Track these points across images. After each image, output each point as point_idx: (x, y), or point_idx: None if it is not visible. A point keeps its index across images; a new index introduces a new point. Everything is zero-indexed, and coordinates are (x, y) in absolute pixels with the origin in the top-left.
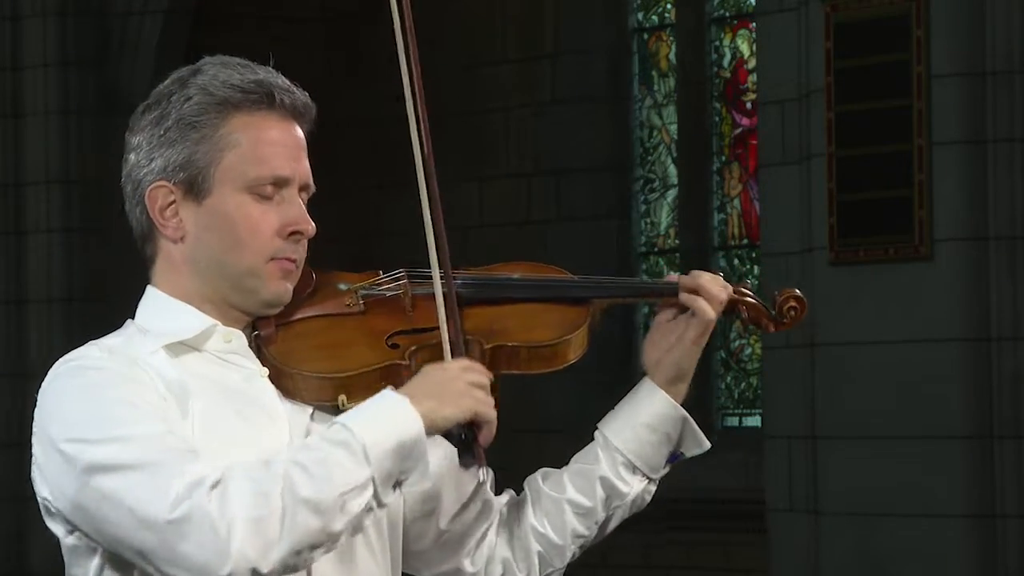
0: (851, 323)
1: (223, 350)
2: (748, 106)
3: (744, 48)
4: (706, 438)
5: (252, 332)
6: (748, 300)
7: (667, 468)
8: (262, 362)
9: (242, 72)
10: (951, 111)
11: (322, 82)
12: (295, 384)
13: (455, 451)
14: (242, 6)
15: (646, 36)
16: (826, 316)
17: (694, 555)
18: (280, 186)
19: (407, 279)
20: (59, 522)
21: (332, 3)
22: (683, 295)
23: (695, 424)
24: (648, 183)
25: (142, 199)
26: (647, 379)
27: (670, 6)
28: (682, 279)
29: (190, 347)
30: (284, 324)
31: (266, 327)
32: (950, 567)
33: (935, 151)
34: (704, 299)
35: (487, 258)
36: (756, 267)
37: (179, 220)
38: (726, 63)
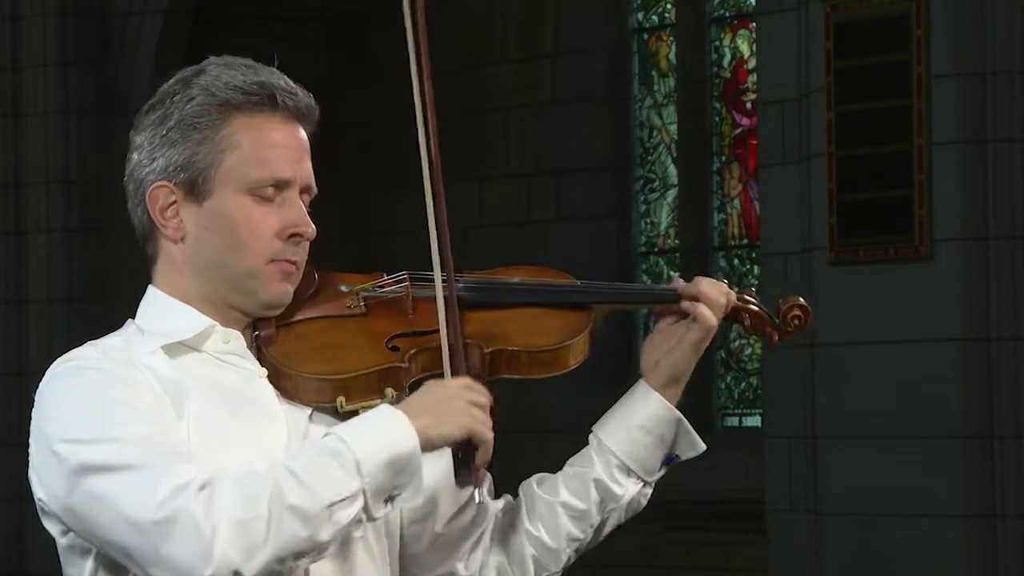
0: (851, 323)
1: (221, 351)
2: (748, 106)
3: (744, 48)
4: (701, 440)
5: (253, 332)
6: (752, 308)
7: (662, 471)
8: (262, 362)
9: (245, 73)
10: (951, 111)
11: (323, 82)
12: (294, 385)
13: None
14: (242, 6)
15: (646, 36)
16: (826, 316)
17: (694, 555)
18: (281, 188)
19: (409, 282)
20: (54, 522)
21: (333, 3)
22: (684, 302)
23: (689, 426)
24: (648, 183)
25: (143, 199)
26: (642, 381)
27: (670, 6)
28: (683, 286)
29: (189, 347)
30: (285, 325)
31: (267, 328)
32: (950, 567)
33: (935, 151)
34: (705, 305)
35: (487, 257)
36: (756, 267)
37: (179, 220)
38: (726, 63)
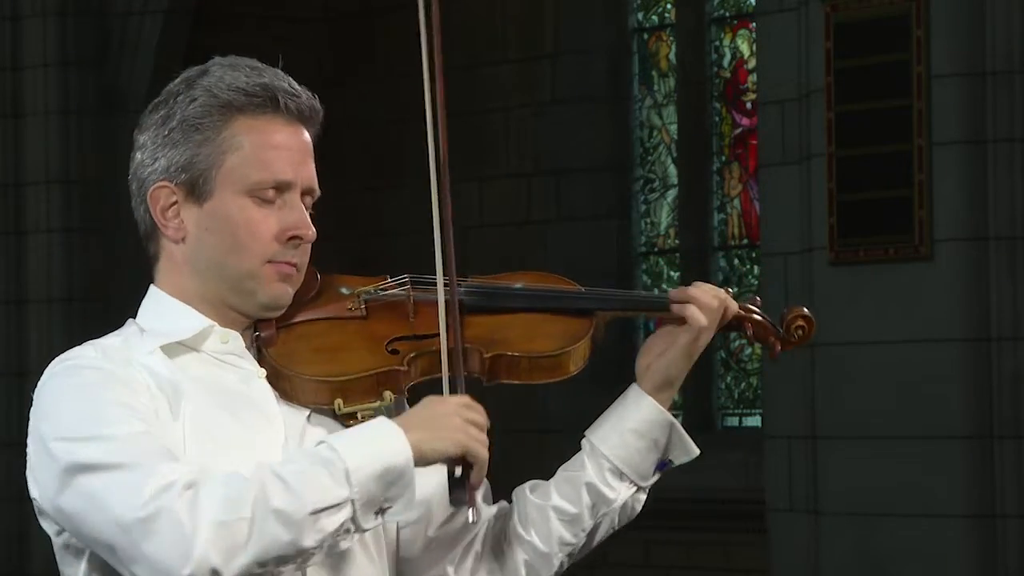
0: (851, 323)
1: (220, 351)
2: (748, 106)
3: (744, 48)
4: (694, 444)
5: (253, 333)
6: (755, 317)
7: (656, 476)
8: (261, 363)
9: (248, 75)
10: (951, 111)
11: (324, 82)
12: (292, 386)
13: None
14: (243, 6)
15: (646, 36)
16: (826, 316)
17: (694, 555)
18: (282, 190)
19: (411, 285)
20: (50, 522)
21: (334, 3)
22: (674, 305)
23: (683, 430)
24: (648, 183)
25: (145, 198)
26: (634, 385)
27: (670, 6)
28: (671, 292)
29: (187, 347)
30: (285, 326)
31: (267, 328)
32: (950, 567)
33: (935, 151)
34: (695, 307)
35: (487, 257)
36: (756, 267)
37: (180, 221)
38: (726, 63)
